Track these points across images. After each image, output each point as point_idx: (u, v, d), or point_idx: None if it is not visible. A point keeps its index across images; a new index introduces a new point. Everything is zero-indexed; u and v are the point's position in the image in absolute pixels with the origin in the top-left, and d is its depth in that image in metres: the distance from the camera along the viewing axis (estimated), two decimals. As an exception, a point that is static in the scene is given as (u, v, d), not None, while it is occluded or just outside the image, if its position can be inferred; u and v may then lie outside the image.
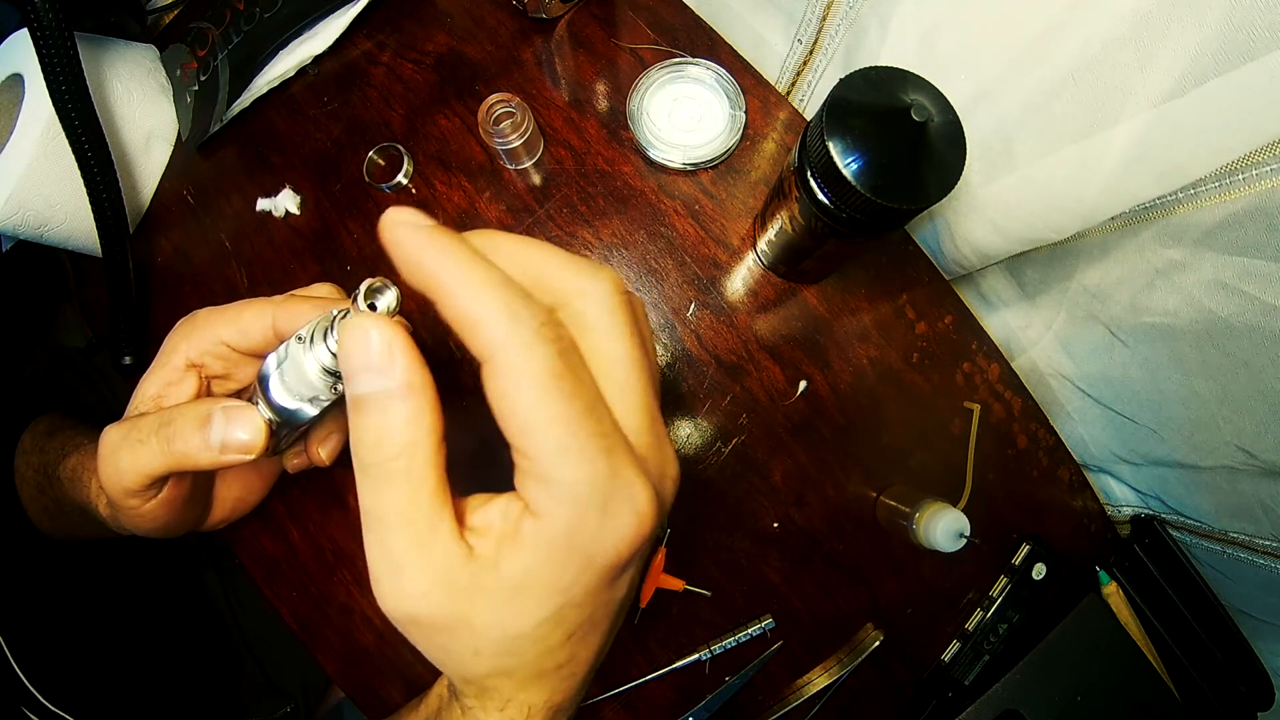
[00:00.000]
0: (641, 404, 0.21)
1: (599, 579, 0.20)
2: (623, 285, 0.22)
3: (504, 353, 0.18)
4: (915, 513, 0.41)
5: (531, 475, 0.19)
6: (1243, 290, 0.34)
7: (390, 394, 0.19)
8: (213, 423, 0.27)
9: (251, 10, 0.49)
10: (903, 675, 0.47)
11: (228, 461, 0.27)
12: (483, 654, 0.21)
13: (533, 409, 0.18)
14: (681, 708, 0.45)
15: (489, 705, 0.22)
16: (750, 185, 0.47)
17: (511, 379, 0.18)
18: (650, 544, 0.22)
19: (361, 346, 0.19)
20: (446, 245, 0.19)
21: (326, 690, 0.71)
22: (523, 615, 0.20)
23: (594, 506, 0.19)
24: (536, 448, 0.19)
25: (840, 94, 0.30)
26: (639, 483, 0.20)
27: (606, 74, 0.49)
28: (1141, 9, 0.30)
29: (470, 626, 0.20)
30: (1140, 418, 0.46)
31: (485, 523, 0.21)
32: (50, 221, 0.44)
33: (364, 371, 0.19)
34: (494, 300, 0.19)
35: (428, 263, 0.19)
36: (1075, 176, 0.37)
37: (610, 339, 0.21)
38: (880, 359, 0.47)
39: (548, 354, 0.18)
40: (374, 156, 0.48)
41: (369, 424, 0.19)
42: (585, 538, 0.19)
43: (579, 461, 0.19)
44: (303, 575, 0.45)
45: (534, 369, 0.18)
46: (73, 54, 0.37)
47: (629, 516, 0.20)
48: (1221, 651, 0.47)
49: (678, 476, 0.23)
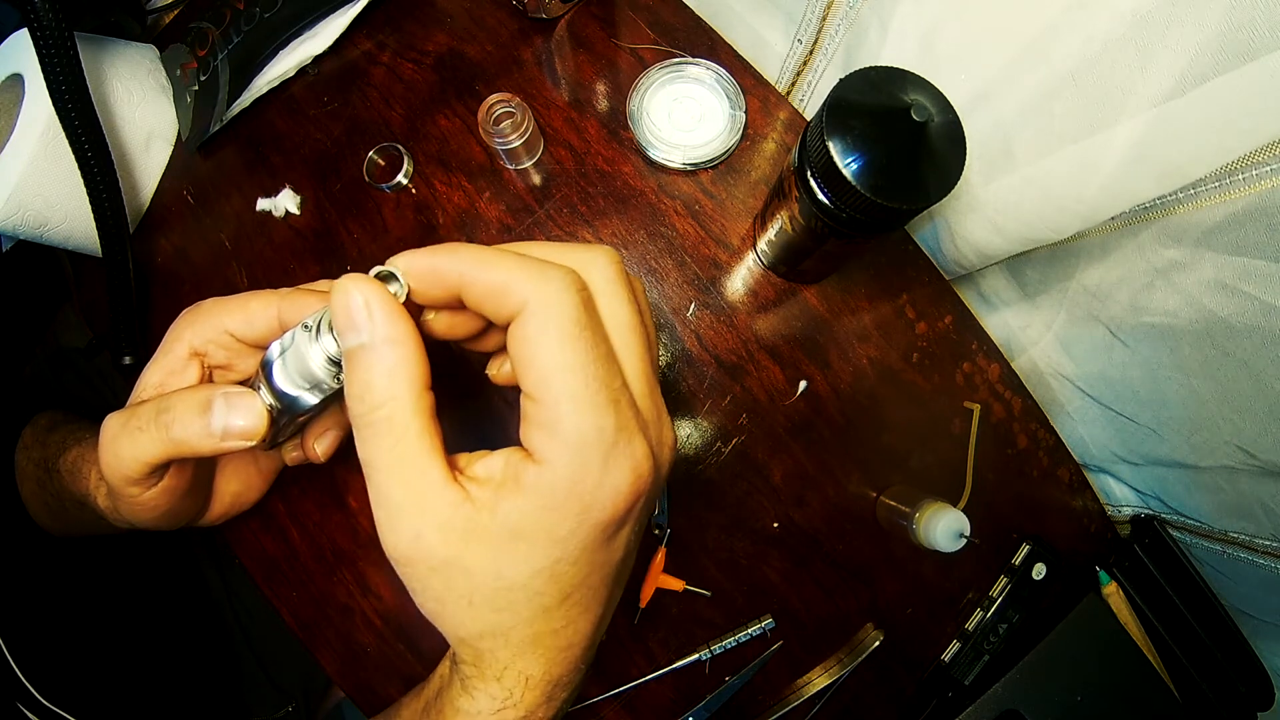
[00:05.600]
0: (643, 370, 0.22)
1: (595, 533, 0.21)
2: (620, 258, 0.23)
3: (533, 301, 0.20)
4: (915, 513, 0.41)
5: (539, 423, 0.20)
6: (1243, 290, 0.34)
7: (370, 348, 0.20)
8: (214, 408, 0.27)
9: (251, 10, 0.49)
10: (903, 675, 0.47)
11: (228, 448, 0.27)
12: (476, 605, 0.21)
13: (554, 353, 0.19)
14: (681, 708, 0.45)
15: (486, 673, 0.22)
16: (750, 185, 0.47)
17: (537, 325, 0.20)
18: (646, 504, 0.22)
19: (344, 305, 0.20)
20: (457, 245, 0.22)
21: (327, 690, 0.71)
22: (517, 562, 0.20)
23: (597, 457, 0.20)
24: (552, 392, 0.20)
25: (840, 94, 0.30)
26: (639, 441, 0.21)
27: (606, 74, 0.49)
28: (1141, 9, 0.30)
29: (465, 570, 0.20)
30: (1140, 418, 0.46)
31: (486, 472, 0.21)
32: (50, 221, 0.44)
33: (348, 329, 0.20)
34: (519, 264, 0.20)
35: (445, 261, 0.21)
36: (1075, 176, 0.37)
37: (615, 302, 0.22)
38: (880, 359, 0.47)
39: (574, 302, 0.20)
40: (374, 156, 0.48)
41: (355, 378, 0.20)
42: (585, 488, 0.20)
43: (589, 410, 0.20)
44: (303, 575, 0.45)
45: (561, 316, 0.20)
46: (73, 54, 0.37)
47: (628, 473, 0.20)
48: (1221, 651, 0.47)
49: (674, 445, 0.24)
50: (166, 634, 0.55)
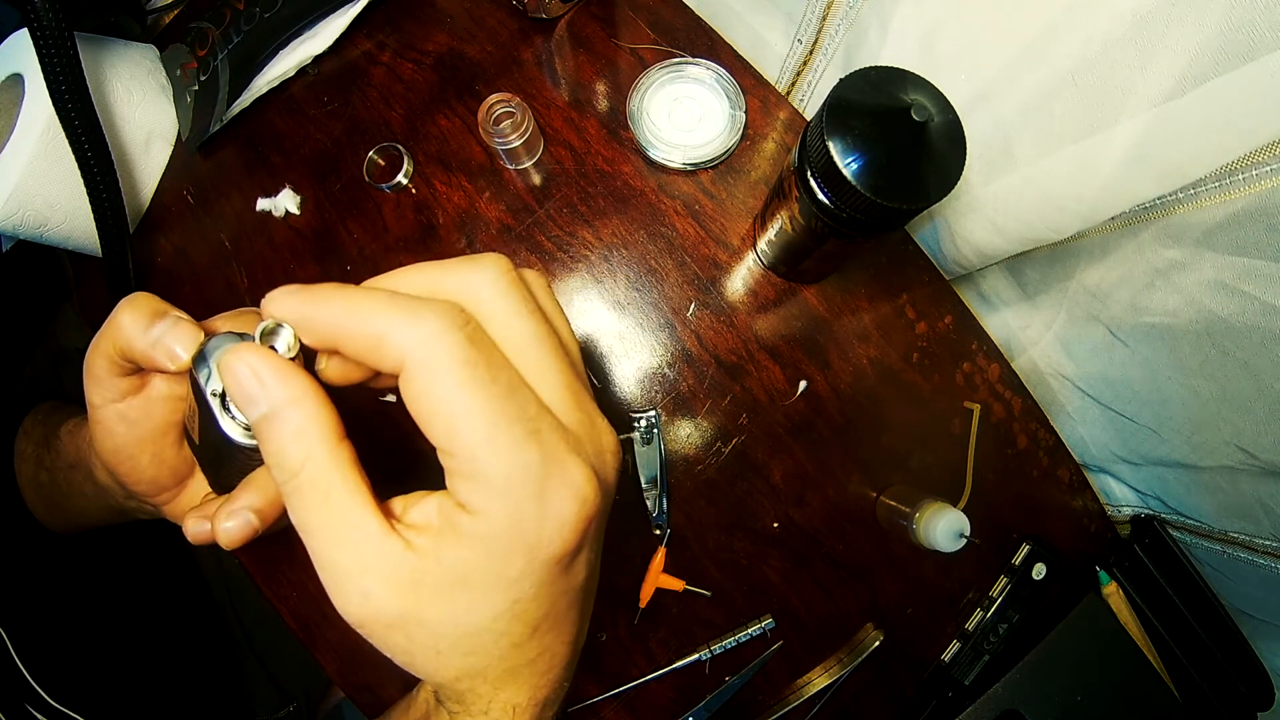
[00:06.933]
0: (561, 381, 0.21)
1: (549, 569, 0.20)
2: (509, 265, 0.22)
3: (412, 353, 0.18)
4: (915, 513, 0.41)
5: (460, 474, 0.19)
6: (1243, 290, 0.34)
7: (272, 416, 0.19)
8: (163, 319, 0.26)
9: (251, 10, 0.49)
10: (903, 675, 0.47)
11: (155, 358, 0.26)
12: (444, 653, 0.20)
13: (451, 402, 0.18)
14: (681, 708, 0.45)
15: (472, 709, 0.22)
16: (750, 185, 0.47)
17: (425, 377, 0.18)
18: (599, 523, 0.21)
19: (234, 383, 0.19)
20: (325, 291, 0.19)
21: (327, 690, 0.71)
22: (474, 608, 0.20)
23: (530, 496, 0.19)
24: (461, 444, 0.18)
25: (840, 94, 0.30)
26: (574, 464, 0.19)
27: (606, 74, 0.49)
28: (1141, 9, 0.30)
29: (422, 623, 0.19)
30: (1140, 418, 0.46)
31: (424, 518, 0.20)
32: (50, 221, 0.44)
33: (246, 404, 0.19)
34: (389, 311, 0.19)
35: (314, 312, 0.19)
36: (1075, 176, 0.37)
37: (511, 319, 0.21)
38: (880, 359, 0.47)
39: (456, 342, 0.18)
40: (374, 156, 0.48)
41: (268, 450, 0.19)
42: (526, 529, 0.19)
43: (507, 450, 0.18)
44: (303, 575, 0.45)
45: (445, 360, 0.18)
46: (73, 54, 0.37)
47: (570, 502, 0.19)
48: (1221, 651, 0.47)
49: (617, 449, 0.22)
50: (169, 634, 0.55)
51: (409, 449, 0.26)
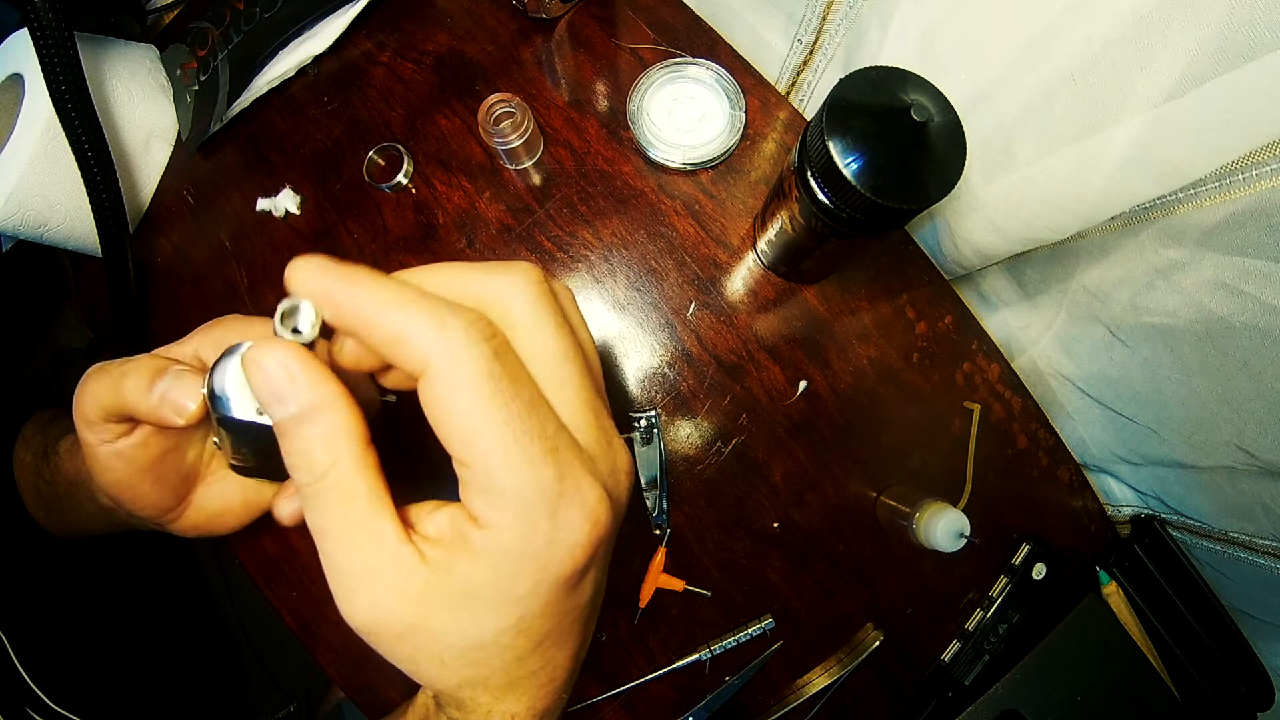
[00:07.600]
0: (581, 398, 0.21)
1: (557, 589, 0.20)
2: (542, 275, 0.21)
3: (436, 360, 0.18)
4: (915, 513, 0.41)
5: (475, 486, 0.19)
6: (1243, 290, 0.34)
7: (300, 418, 0.19)
8: (163, 377, 0.27)
9: (251, 10, 0.49)
10: (903, 675, 0.47)
11: (163, 416, 0.27)
12: (449, 664, 0.20)
13: (471, 415, 0.18)
14: (681, 708, 0.45)
15: (472, 717, 0.22)
16: (750, 185, 0.47)
17: (446, 386, 0.18)
18: (609, 544, 0.21)
19: (261, 379, 0.19)
20: (356, 275, 0.19)
21: (328, 690, 0.71)
22: (481, 623, 0.20)
23: (543, 514, 0.19)
24: (479, 456, 0.18)
25: (840, 94, 0.30)
26: (588, 484, 0.19)
27: (606, 74, 0.49)
28: (1141, 9, 0.30)
29: (430, 634, 0.19)
30: (1140, 418, 0.46)
31: (437, 530, 0.20)
32: (50, 221, 0.44)
33: (272, 403, 0.19)
34: (417, 311, 0.18)
35: (341, 295, 0.19)
36: (1075, 176, 0.37)
37: (537, 332, 0.20)
38: (880, 359, 0.47)
39: (481, 354, 0.18)
40: (374, 156, 0.48)
41: (291, 449, 0.19)
42: (537, 547, 0.19)
43: (523, 467, 0.18)
44: (303, 575, 0.45)
45: (468, 373, 0.18)
46: (73, 54, 0.37)
47: (581, 522, 0.19)
48: (1221, 651, 0.47)
49: (630, 469, 0.22)
50: (169, 635, 0.55)
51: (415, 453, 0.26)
